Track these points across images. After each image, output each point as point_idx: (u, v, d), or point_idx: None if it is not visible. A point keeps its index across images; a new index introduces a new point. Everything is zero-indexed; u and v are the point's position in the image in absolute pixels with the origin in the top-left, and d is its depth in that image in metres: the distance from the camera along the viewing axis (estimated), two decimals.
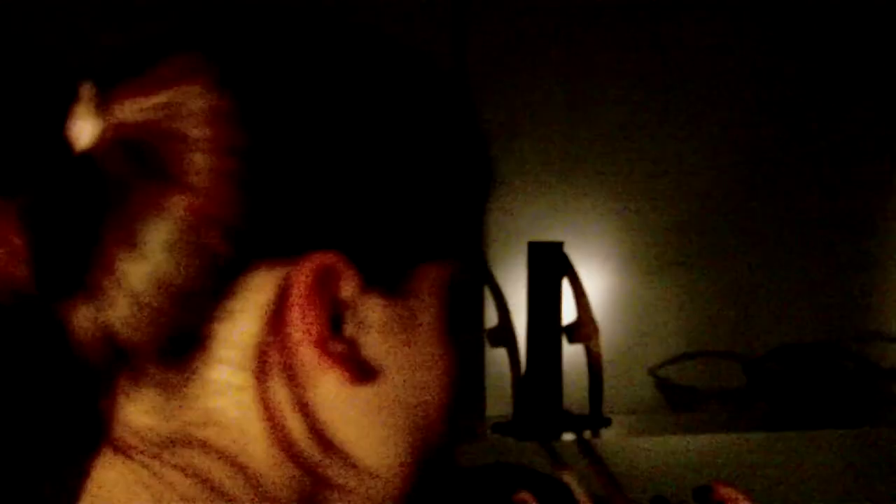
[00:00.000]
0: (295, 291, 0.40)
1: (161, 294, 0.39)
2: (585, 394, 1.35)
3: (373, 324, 0.42)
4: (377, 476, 0.43)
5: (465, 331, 0.48)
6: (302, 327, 0.40)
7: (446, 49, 1.46)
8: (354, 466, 0.43)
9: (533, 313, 1.30)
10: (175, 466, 0.40)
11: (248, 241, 0.39)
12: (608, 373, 1.47)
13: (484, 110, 1.40)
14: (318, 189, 0.40)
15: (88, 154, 0.40)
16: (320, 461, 0.42)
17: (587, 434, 1.28)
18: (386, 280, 0.42)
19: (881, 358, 1.50)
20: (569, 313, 1.32)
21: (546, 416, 1.29)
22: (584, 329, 1.32)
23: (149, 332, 0.39)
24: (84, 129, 0.40)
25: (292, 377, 0.40)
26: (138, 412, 0.41)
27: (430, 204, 0.44)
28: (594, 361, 1.33)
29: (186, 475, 0.40)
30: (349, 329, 0.41)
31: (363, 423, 0.42)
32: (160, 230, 0.39)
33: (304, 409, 0.41)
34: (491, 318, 1.52)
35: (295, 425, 0.41)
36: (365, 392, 0.42)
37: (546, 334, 1.30)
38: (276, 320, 0.40)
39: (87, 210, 0.39)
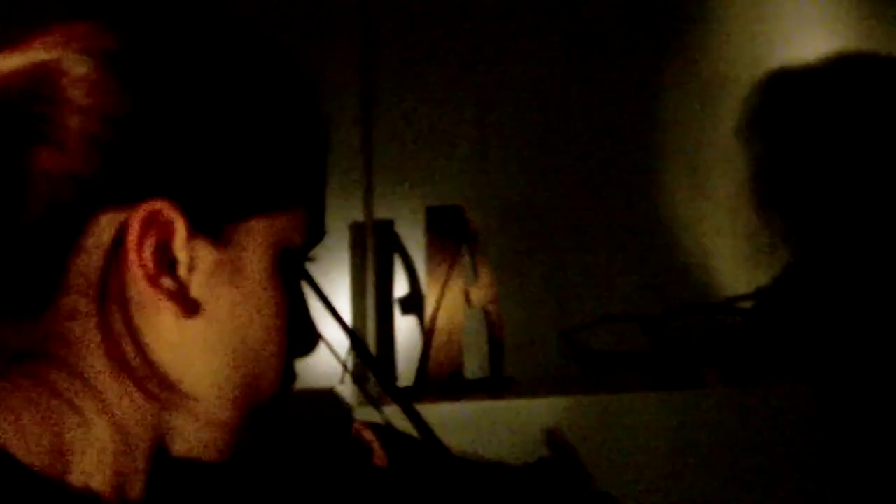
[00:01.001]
0: (130, 233, 0.46)
1: (27, 237, 0.46)
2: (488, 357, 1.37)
3: (201, 266, 0.48)
4: (203, 401, 0.50)
5: (304, 282, 0.54)
6: (136, 264, 0.46)
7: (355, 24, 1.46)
8: (181, 390, 0.49)
9: (432, 279, 1.31)
10: (29, 376, 0.47)
11: (99, 190, 0.46)
12: (517, 337, 1.49)
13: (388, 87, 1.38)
14: (159, 147, 0.47)
15: None
16: (151, 381, 0.48)
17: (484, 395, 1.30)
18: (214, 229, 0.48)
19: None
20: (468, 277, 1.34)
21: (446, 379, 1.31)
22: (482, 292, 1.33)
23: (16, 268, 0.46)
24: None
25: (127, 307, 0.47)
26: (8, 330, 0.47)
27: (254, 164, 0.50)
28: (494, 324, 1.35)
29: (39, 385, 0.47)
30: (179, 269, 0.48)
31: (189, 352, 0.49)
32: (35, 186, 0.45)
33: (136, 335, 0.47)
34: (401, 286, 1.53)
35: (128, 348, 0.47)
36: (192, 325, 0.48)
37: (446, 299, 1.31)
38: (116, 257, 0.46)
39: None
